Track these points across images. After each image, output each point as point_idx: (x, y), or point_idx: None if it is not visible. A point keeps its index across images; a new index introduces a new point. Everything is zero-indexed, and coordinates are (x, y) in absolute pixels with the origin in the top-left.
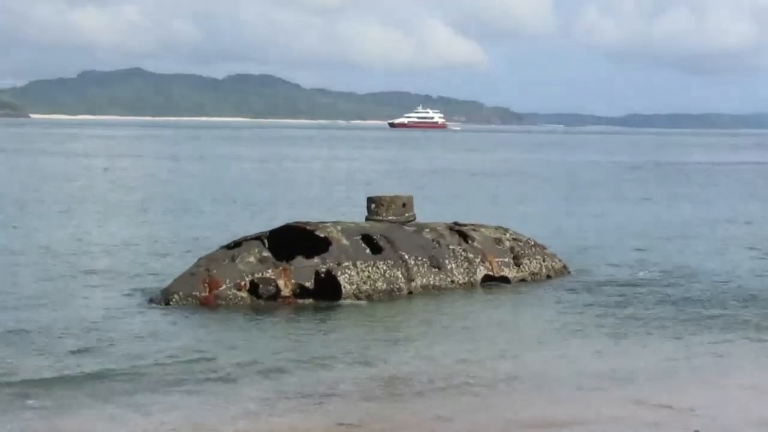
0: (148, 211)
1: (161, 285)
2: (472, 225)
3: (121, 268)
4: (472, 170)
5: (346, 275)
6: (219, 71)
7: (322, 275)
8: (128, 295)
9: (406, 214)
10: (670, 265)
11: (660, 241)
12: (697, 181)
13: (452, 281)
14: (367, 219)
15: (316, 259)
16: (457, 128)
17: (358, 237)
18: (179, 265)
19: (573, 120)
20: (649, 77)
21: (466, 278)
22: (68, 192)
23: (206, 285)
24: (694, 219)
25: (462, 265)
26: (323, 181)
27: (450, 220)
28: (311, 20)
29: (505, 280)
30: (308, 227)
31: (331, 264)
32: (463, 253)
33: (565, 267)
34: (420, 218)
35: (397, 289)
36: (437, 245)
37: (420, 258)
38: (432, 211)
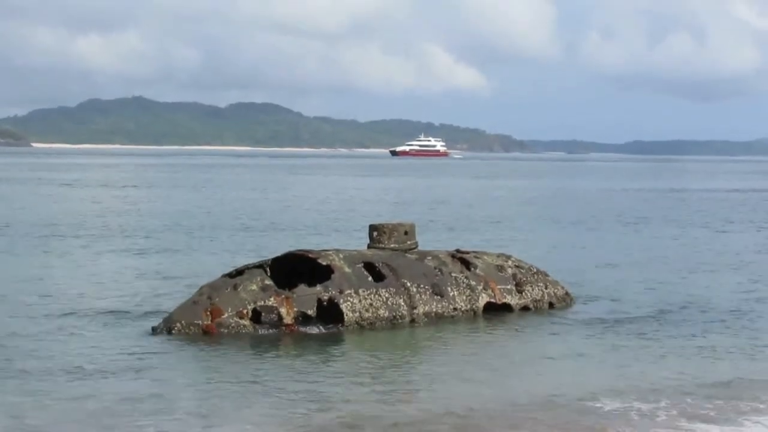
0: (148, 239)
1: (162, 314)
2: (475, 252)
3: (123, 297)
4: (473, 198)
5: (349, 303)
6: (221, 99)
7: (325, 303)
8: (129, 324)
9: (409, 242)
10: (676, 295)
11: (667, 270)
12: (706, 209)
13: (455, 309)
14: (369, 247)
15: (318, 287)
16: (459, 156)
17: (361, 265)
18: (182, 293)
19: (575, 147)
20: (651, 103)
21: (469, 306)
22: (66, 221)
23: (208, 313)
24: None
25: (464, 293)
26: (325, 209)
27: (452, 248)
28: (313, 47)
29: (507, 307)
30: (310, 255)
31: (334, 292)
32: (465, 280)
33: (567, 294)
34: (422, 246)
35: (400, 316)
36: (439, 273)
37: (422, 285)
38: (434, 238)
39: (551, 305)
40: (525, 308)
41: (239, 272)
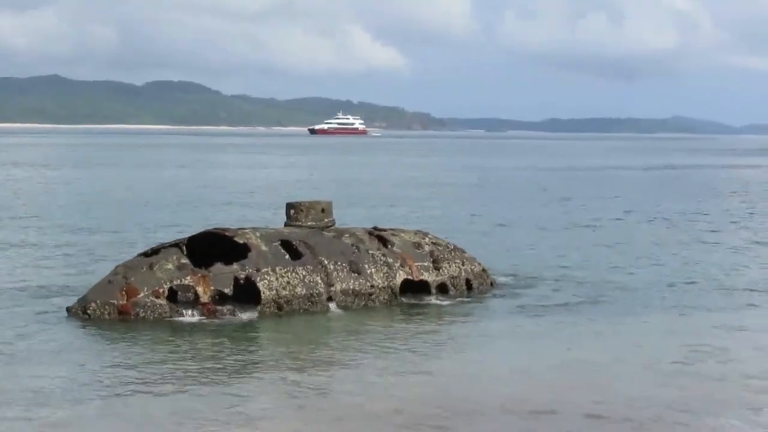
0: (63, 219)
1: (78, 294)
2: (392, 230)
3: (37, 277)
4: (392, 176)
5: (266, 281)
6: (139, 78)
7: (242, 281)
8: (44, 305)
9: (326, 220)
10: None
11: (585, 247)
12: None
13: (372, 286)
14: (286, 225)
15: (235, 266)
16: (378, 134)
17: (278, 243)
18: (96, 273)
19: (494, 125)
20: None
21: (386, 283)
22: None
23: (124, 293)
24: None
25: (381, 270)
26: (243, 187)
27: (369, 225)
28: (232, 26)
29: (424, 284)
30: (227, 233)
31: (250, 270)
32: (382, 257)
33: (484, 270)
34: (339, 223)
35: (317, 294)
36: (357, 250)
37: (339, 263)
38: (351, 216)
39: (468, 282)
40: (442, 285)
41: (155, 251)
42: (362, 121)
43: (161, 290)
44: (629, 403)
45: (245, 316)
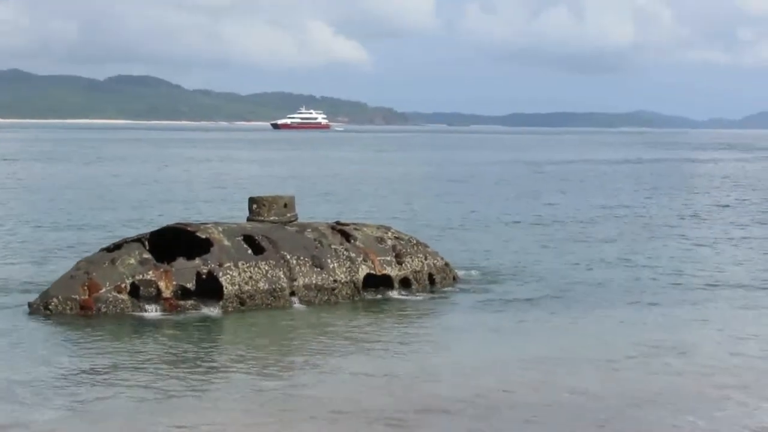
0: (25, 213)
1: (40, 289)
2: (354, 224)
3: None
4: (355, 170)
5: (228, 276)
6: (100, 72)
7: (204, 276)
8: (5, 300)
9: (288, 215)
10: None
11: (551, 241)
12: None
13: (335, 281)
14: (248, 219)
15: (197, 260)
16: (341, 128)
17: (240, 237)
18: (58, 269)
19: (456, 119)
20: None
21: (349, 277)
22: None
23: (86, 288)
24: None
25: (344, 265)
26: (205, 183)
27: (332, 220)
28: (194, 21)
29: (387, 278)
30: (189, 228)
31: (213, 265)
32: (345, 252)
33: (447, 265)
34: (302, 218)
35: (280, 289)
36: (319, 245)
37: (302, 258)
38: (314, 211)
39: (431, 276)
40: (405, 279)
41: (117, 246)
42: (325, 116)
43: (123, 285)
44: (586, 397)
45: (208, 311)
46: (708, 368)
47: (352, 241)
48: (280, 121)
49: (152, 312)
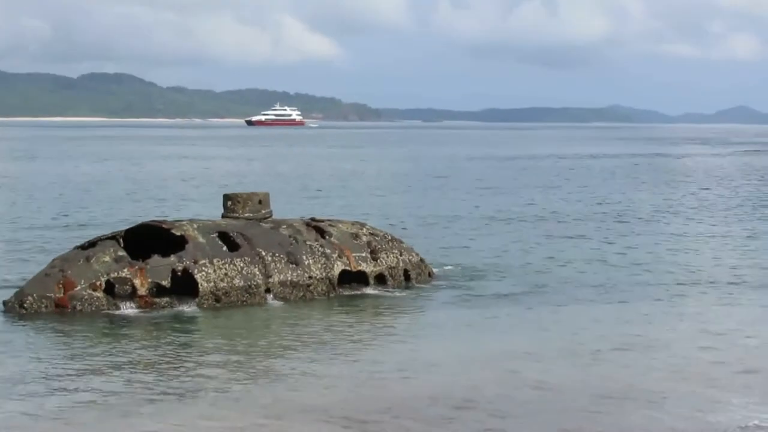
0: (1, 211)
1: (15, 287)
2: (329, 220)
3: None
4: (330, 167)
5: (203, 273)
6: (73, 70)
7: (179, 273)
8: None
9: (263, 211)
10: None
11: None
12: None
13: (310, 277)
14: (223, 216)
15: (172, 258)
16: (315, 125)
17: (215, 234)
18: (33, 267)
19: (430, 115)
20: (506, 72)
21: (324, 274)
22: None
23: (61, 286)
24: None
25: (319, 261)
26: (179, 180)
27: (307, 217)
28: (167, 17)
29: (362, 274)
30: (164, 225)
31: (188, 262)
32: (320, 248)
33: (422, 260)
34: (277, 215)
35: (255, 285)
36: (294, 241)
37: (277, 254)
38: (289, 207)
39: (406, 272)
40: (380, 275)
41: (92, 244)
42: (299, 113)
43: (98, 283)
44: (553, 392)
45: (183, 308)
46: (677, 364)
47: (327, 237)
48: (254, 118)
49: (127, 309)
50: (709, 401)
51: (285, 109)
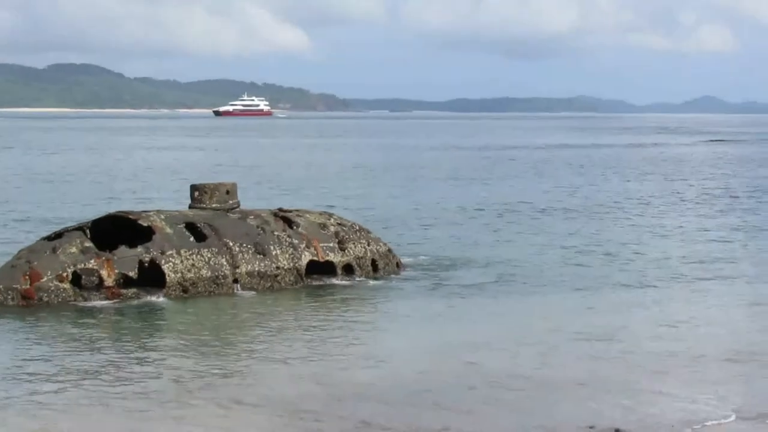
0: None
1: None
2: (297, 211)
3: None
4: (298, 157)
5: (170, 264)
6: (39, 61)
7: (146, 264)
8: None
9: (230, 202)
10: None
11: (488, 228)
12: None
13: (277, 267)
14: (190, 207)
15: (139, 248)
16: (283, 115)
17: (182, 225)
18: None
19: (399, 105)
20: (475, 62)
21: (292, 264)
22: None
23: (27, 278)
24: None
25: (287, 251)
26: (146, 171)
27: (275, 207)
28: (134, 8)
29: (330, 264)
30: (131, 216)
31: (155, 253)
32: (288, 239)
33: (390, 251)
34: (244, 205)
35: (222, 276)
36: (262, 232)
37: (245, 245)
38: (256, 198)
39: (374, 262)
40: (348, 265)
41: (58, 235)
42: (267, 103)
43: (65, 274)
44: (512, 381)
45: (151, 299)
46: (638, 354)
47: (295, 227)
48: (222, 108)
49: (95, 301)
50: (666, 394)
51: (253, 100)
